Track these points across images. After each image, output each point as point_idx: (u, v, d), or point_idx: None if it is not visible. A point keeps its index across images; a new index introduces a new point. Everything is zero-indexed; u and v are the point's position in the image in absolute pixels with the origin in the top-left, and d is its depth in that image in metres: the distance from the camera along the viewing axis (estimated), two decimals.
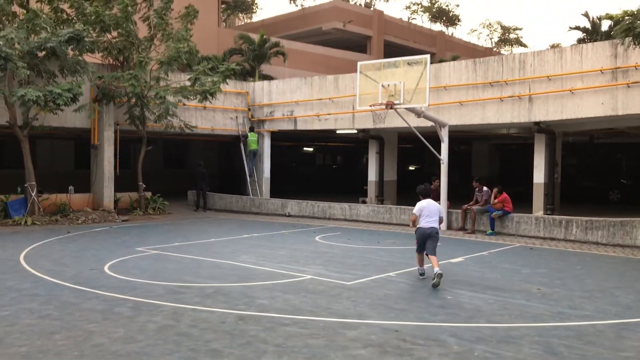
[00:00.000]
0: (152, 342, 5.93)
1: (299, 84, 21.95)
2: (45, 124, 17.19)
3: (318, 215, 19.33)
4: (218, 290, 8.40)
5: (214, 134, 22.82)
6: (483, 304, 7.74)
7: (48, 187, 18.39)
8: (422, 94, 14.45)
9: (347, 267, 10.32)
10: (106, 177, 18.94)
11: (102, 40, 18.33)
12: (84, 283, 8.68)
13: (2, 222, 16.21)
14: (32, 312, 7.01)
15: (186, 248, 12.40)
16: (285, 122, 22.29)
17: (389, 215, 17.78)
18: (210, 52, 27.98)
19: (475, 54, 43.52)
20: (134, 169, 20.63)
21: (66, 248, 12.24)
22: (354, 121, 20.22)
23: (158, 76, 18.70)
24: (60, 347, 5.73)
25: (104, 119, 18.92)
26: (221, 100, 21.52)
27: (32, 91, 15.02)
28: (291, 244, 13.40)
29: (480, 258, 11.67)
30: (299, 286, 8.73)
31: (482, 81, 17.03)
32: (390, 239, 14.46)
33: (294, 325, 6.64)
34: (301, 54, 35.65)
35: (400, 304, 7.71)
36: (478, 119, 17.23)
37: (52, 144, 25.96)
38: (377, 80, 15.00)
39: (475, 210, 15.73)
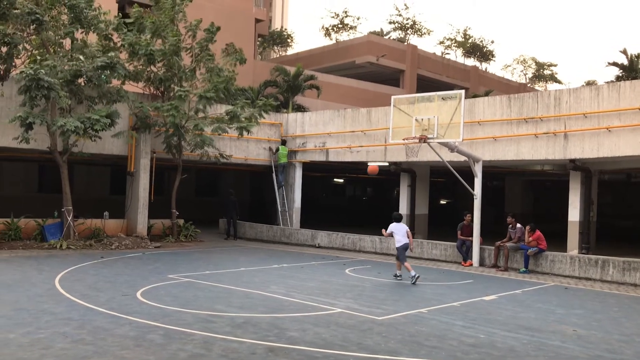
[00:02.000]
0: None
1: (331, 116, 22.14)
2: (84, 151, 17.64)
3: (348, 247, 19.27)
4: (248, 320, 8.41)
5: (247, 164, 23.09)
6: (517, 344, 7.58)
7: (84, 212, 18.77)
8: (455, 128, 14.43)
9: (378, 302, 10.23)
10: (141, 204, 19.26)
11: (145, 70, 18.87)
12: (117, 309, 8.78)
13: (39, 245, 16.55)
14: (66, 336, 7.11)
15: (217, 276, 12.46)
16: (317, 154, 22.44)
17: (420, 249, 17.61)
18: (246, 83, 28.50)
19: (508, 90, 43.38)
20: (167, 196, 20.95)
21: (100, 273, 12.42)
22: (386, 154, 20.24)
23: (197, 108, 19.11)
24: None
25: (140, 146, 19.34)
26: (255, 130, 21.83)
27: (71, 121, 15.48)
28: (321, 275, 13.36)
29: (514, 296, 11.45)
30: (329, 319, 8.68)
31: (516, 117, 16.93)
32: (422, 274, 14.27)
33: (324, 359, 6.59)
34: (334, 86, 36.04)
35: (431, 341, 7.59)
36: (512, 154, 17.09)
37: (89, 170, 26.56)
38: (410, 114, 15.04)
39: (508, 247, 15.49)
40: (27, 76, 14.76)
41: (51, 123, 15.95)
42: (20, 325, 7.54)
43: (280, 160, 22.65)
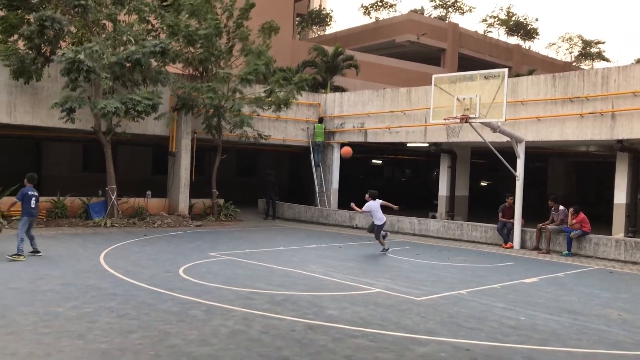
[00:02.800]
0: (224, 346, 6.06)
1: (370, 96, 21.97)
2: (127, 131, 17.98)
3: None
4: (287, 298, 8.50)
5: (285, 145, 23.16)
6: (559, 327, 7.46)
7: (127, 192, 19.18)
8: (498, 108, 14.14)
9: (416, 282, 10.20)
10: (182, 184, 19.57)
11: (184, 51, 19.04)
12: (160, 285, 8.98)
13: (84, 223, 17.03)
14: (111, 311, 7.31)
15: (256, 255, 12.61)
16: (355, 134, 22.34)
17: (460, 231, 17.44)
18: (285, 64, 28.48)
19: (553, 69, 42.23)
20: (207, 177, 21.23)
21: (143, 250, 12.71)
22: (426, 134, 20.01)
23: (235, 88, 19.20)
24: (137, 346, 5.95)
25: (182, 127, 19.61)
26: (293, 111, 21.84)
27: (111, 103, 15.76)
28: (359, 256, 13.38)
29: (556, 279, 11.25)
30: (368, 299, 8.70)
31: (561, 96, 16.48)
32: (461, 256, 14.17)
33: (362, 337, 6.62)
34: (373, 66, 35.69)
35: (471, 322, 7.54)
36: (556, 135, 16.68)
37: (132, 150, 27.06)
38: (451, 94, 14.80)
39: (550, 229, 15.19)
40: (67, 59, 15.05)
41: (92, 105, 16.27)
42: (68, 300, 7.80)
43: (316, 138, 22.64)
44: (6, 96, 16.62)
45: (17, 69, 16.10)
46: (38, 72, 16.42)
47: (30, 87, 16.77)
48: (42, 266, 10.21)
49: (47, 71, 16.76)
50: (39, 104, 17.04)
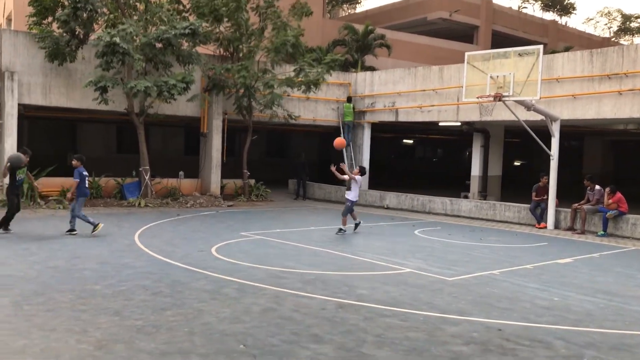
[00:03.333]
0: (256, 324, 6.14)
1: (402, 74, 21.72)
2: (159, 112, 18.17)
3: (417, 208, 19.11)
4: (318, 277, 8.54)
5: (316, 125, 23.12)
6: (594, 308, 7.34)
7: (160, 172, 19.45)
8: (532, 86, 13.85)
9: (448, 263, 10.14)
10: (214, 164, 19.75)
11: (214, 31, 19.07)
12: (193, 264, 9.12)
13: (118, 203, 17.35)
14: (146, 289, 7.46)
15: (287, 235, 12.69)
16: (386, 114, 22.17)
17: (493, 211, 17.25)
18: (315, 43, 28.32)
19: (590, 45, 41.07)
20: (238, 157, 21.37)
21: (176, 230, 12.91)
22: (458, 113, 19.74)
23: (265, 68, 19.17)
24: (171, 323, 6.07)
25: (213, 108, 19.73)
26: (323, 91, 21.73)
27: (142, 83, 15.91)
28: (390, 236, 13.35)
29: (591, 260, 11.07)
30: (399, 279, 8.69)
31: (598, 73, 16.03)
32: (494, 236, 14.03)
33: (393, 317, 6.62)
34: (405, 44, 35.23)
35: (503, 302, 7.47)
36: (593, 113, 16.26)
37: (164, 132, 27.40)
38: (485, 72, 14.54)
39: (586, 209, 14.91)
40: (104, 42, 15.23)
41: (124, 85, 16.47)
42: (104, 278, 7.97)
43: (345, 118, 22.51)
44: (41, 78, 16.94)
45: (52, 51, 16.37)
46: (72, 54, 16.67)
47: (65, 69, 17.05)
48: (78, 245, 10.46)
49: (81, 53, 17.01)
50: (73, 85, 17.33)
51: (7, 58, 16.52)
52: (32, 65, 16.84)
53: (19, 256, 9.30)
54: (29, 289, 7.22)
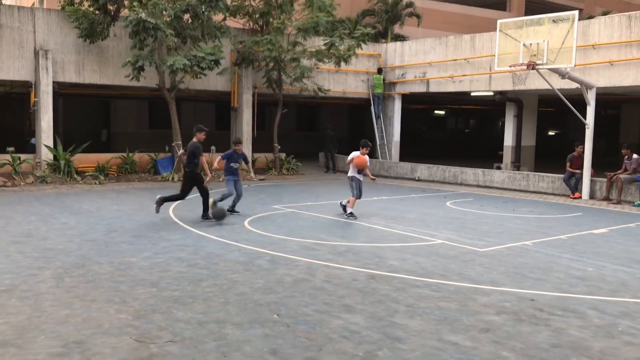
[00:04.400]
0: (289, 294, 6.25)
1: (432, 44, 21.40)
2: (190, 87, 18.31)
3: (449, 180, 18.99)
4: (349, 249, 8.61)
5: (345, 97, 23.02)
6: (629, 278, 7.26)
7: None
8: (567, 53, 13.52)
9: (480, 234, 10.10)
10: (244, 138, 19.84)
11: (245, 4, 19.00)
12: (227, 236, 9.28)
13: (152, 178, 17.65)
14: (182, 261, 7.64)
15: (318, 207, 12.77)
16: (417, 85, 21.93)
17: (526, 182, 17.04)
18: (344, 13, 27.98)
19: (630, 9, 39.60)
20: (269, 131, 21.46)
21: None
22: (491, 83, 19.41)
23: (295, 41, 19.10)
24: (207, 294, 6.22)
25: (243, 82, 19.79)
26: (353, 62, 21.55)
27: (179, 59, 15.99)
28: (421, 208, 13.33)
29: (627, 230, 10.89)
30: (430, 250, 8.70)
31: (637, 38, 15.54)
32: (527, 207, 13.89)
33: (425, 287, 6.66)
34: (435, 13, 34.56)
35: (536, 273, 7.44)
36: (631, 80, 15.81)
37: (195, 106, 27.62)
38: (517, 40, 14.23)
39: (622, 179, 14.61)
40: (133, 21, 15.33)
41: (160, 63, 16.59)
42: (141, 251, 8.18)
43: (375, 90, 22.35)
44: (74, 56, 17.21)
45: (86, 30, 16.56)
46: (104, 32, 16.85)
47: (97, 47, 17.27)
48: (115, 219, 10.72)
49: (112, 30, 17.18)
50: (105, 62, 17.56)
51: (40, 37, 16.80)
52: (66, 43, 17.10)
53: (58, 230, 9.59)
54: (69, 262, 7.46)
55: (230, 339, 4.96)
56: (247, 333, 5.10)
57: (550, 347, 4.96)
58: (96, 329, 5.15)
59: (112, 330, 5.11)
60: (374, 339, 5.03)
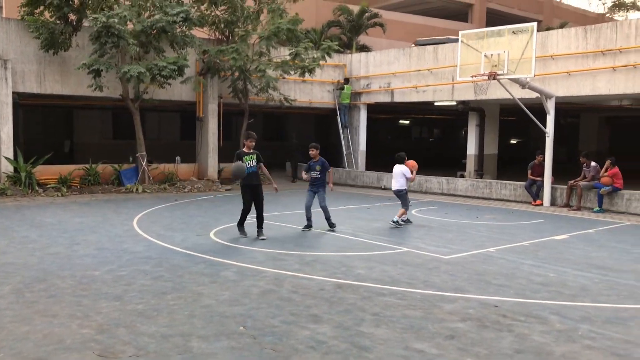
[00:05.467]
0: (256, 305, 6.22)
1: (396, 55, 21.66)
2: (154, 98, 18.14)
3: (414, 188, 19.16)
4: (317, 258, 8.63)
5: (312, 107, 23.10)
6: (589, 283, 7.45)
7: (157, 157, 19.47)
8: (527, 63, 13.86)
9: (445, 241, 10.23)
10: (210, 149, 19.78)
11: (209, 14, 18.95)
12: (192, 248, 9.19)
13: (116, 190, 17.38)
14: (146, 274, 7.53)
15: (286, 217, 12.76)
16: (382, 95, 22.15)
17: (489, 190, 17.34)
18: (309, 25, 28.10)
19: (585, 21, 40.92)
20: (235, 141, 21.35)
21: (174, 215, 12.96)
22: (454, 93, 19.74)
23: (260, 51, 19.11)
24: (172, 307, 6.15)
25: (208, 92, 19.69)
26: (319, 73, 21.66)
27: (135, 68, 15.86)
28: (387, 216, 13.39)
29: (586, 236, 11.17)
30: (396, 258, 8.78)
31: (593, 50, 16.03)
32: (490, 214, 14.13)
33: (391, 295, 6.71)
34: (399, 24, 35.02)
35: (499, 279, 7.57)
36: (588, 89, 16.28)
37: (160, 117, 27.33)
38: (479, 50, 14.53)
39: (582, 186, 15.00)
40: (100, 23, 15.14)
41: (117, 69, 16.40)
42: (104, 264, 8.04)
43: (343, 100, 22.52)
44: (35, 66, 16.88)
45: (47, 40, 16.27)
46: (66, 42, 16.58)
47: (59, 57, 16.97)
48: (78, 232, 10.52)
49: (75, 40, 16.92)
50: (67, 72, 17.27)
51: (0, 46, 16.43)
52: (26, 53, 16.76)
53: (19, 244, 9.37)
54: (30, 276, 7.29)
55: (195, 352, 4.92)
56: (212, 346, 5.06)
57: (514, 353, 5.05)
58: (58, 344, 5.04)
59: (75, 346, 5.01)
60: (341, 349, 5.05)
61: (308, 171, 11.22)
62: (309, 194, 11.18)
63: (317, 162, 11.17)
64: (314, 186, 11.14)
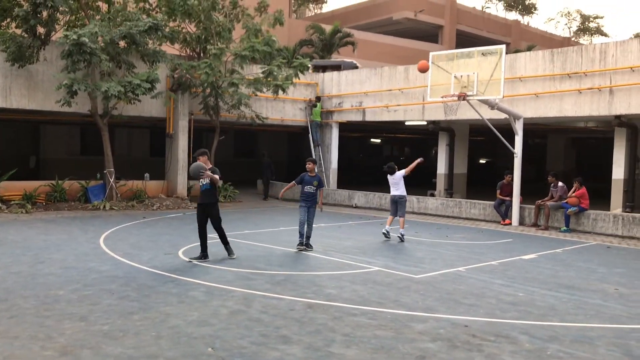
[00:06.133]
0: (224, 326, 6.12)
1: (368, 74, 21.86)
2: (123, 113, 17.92)
3: (385, 207, 19.20)
4: (287, 278, 8.55)
5: (284, 125, 23.11)
6: (556, 303, 7.52)
7: (125, 174, 19.17)
8: (496, 85, 14.10)
9: (415, 261, 10.26)
10: (180, 166, 19.56)
11: (181, 30, 18.86)
12: (160, 267, 9.03)
13: (83, 207, 17.05)
14: (112, 293, 7.36)
15: (256, 236, 12.65)
16: (353, 113, 22.28)
17: (459, 209, 17.50)
18: (282, 43, 28.24)
19: (552, 44, 42.01)
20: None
21: (142, 233, 12.75)
22: (424, 113, 19.96)
23: (232, 68, 19.08)
24: (139, 327, 6.00)
25: (179, 108, 19.53)
26: (291, 91, 21.71)
27: (114, 86, 15.67)
28: (358, 235, 13.43)
29: (554, 255, 11.32)
30: (367, 277, 8.75)
31: (559, 72, 16.41)
32: (460, 233, 14.24)
33: (362, 315, 6.67)
34: (371, 44, 35.48)
35: (469, 299, 7.60)
36: (555, 111, 16.64)
37: (129, 133, 27.03)
38: (449, 71, 14.74)
39: (549, 206, 15.24)
40: (71, 41, 14.93)
41: (94, 88, 16.18)
42: (69, 283, 7.84)
43: (314, 118, 22.60)
44: (1, 80, 16.52)
45: (14, 53, 15.97)
46: (33, 56, 16.30)
47: (25, 71, 16.66)
48: (42, 250, 10.25)
49: (42, 54, 16.65)
50: (35, 87, 16.95)
51: None
52: None
53: None
54: None
55: None
56: None
57: None
58: None
59: None
60: None
61: (301, 183, 10.98)
62: (303, 210, 10.96)
63: (314, 177, 11.03)
64: (308, 201, 10.95)
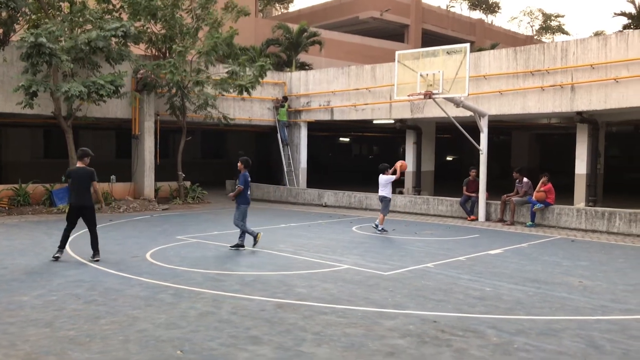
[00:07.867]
0: (194, 328, 6.06)
1: (336, 74, 21.91)
2: (88, 115, 17.60)
3: (354, 205, 19.34)
4: (257, 278, 8.52)
5: (252, 125, 23.01)
6: (523, 296, 7.66)
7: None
8: (461, 83, 14.27)
9: (384, 258, 10.32)
10: (147, 167, 19.31)
11: (146, 31, 18.60)
12: (127, 270, 8.90)
13: (47, 210, 16.70)
14: (78, 298, 7.23)
15: (225, 237, 12.56)
16: (322, 113, 22.31)
17: (427, 206, 17.68)
18: (248, 42, 28.14)
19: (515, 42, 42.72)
20: (173, 159, 20.98)
21: (109, 236, 12.54)
22: (391, 111, 20.10)
23: (198, 68, 18.89)
24: (106, 332, 5.91)
25: (144, 109, 19.27)
26: (259, 90, 21.63)
27: (75, 86, 15.37)
28: (328, 234, 13.46)
29: (520, 250, 11.52)
30: (337, 276, 8.78)
31: (522, 70, 16.71)
32: (428, 229, 14.38)
33: (332, 314, 6.69)
34: (338, 43, 35.57)
35: (438, 295, 7.68)
36: (518, 108, 16.93)
37: (94, 135, 26.55)
38: (415, 70, 14.87)
39: (515, 201, 15.50)
40: (29, 43, 14.59)
41: (55, 89, 15.86)
42: (33, 288, 7.67)
43: (281, 118, 22.56)
44: None
45: None
46: None
47: None
48: (5, 255, 10.01)
49: (1, 55, 16.25)
50: None
51: None
52: None
53: None
54: None
55: None
56: None
57: None
58: None
59: None
60: None
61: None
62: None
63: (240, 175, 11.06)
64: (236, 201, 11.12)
